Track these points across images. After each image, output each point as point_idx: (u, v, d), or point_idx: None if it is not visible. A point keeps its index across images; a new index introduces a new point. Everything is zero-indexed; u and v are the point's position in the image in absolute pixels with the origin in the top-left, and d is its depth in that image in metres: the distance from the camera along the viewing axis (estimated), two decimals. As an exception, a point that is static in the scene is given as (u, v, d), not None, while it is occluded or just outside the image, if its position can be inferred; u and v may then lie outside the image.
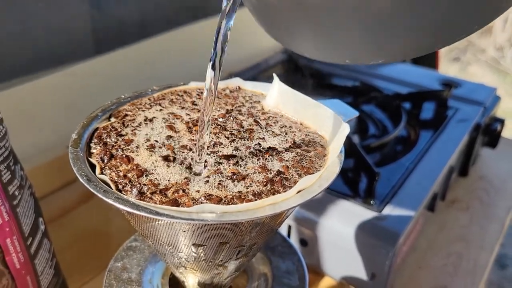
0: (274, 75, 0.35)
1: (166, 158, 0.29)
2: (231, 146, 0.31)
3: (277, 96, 0.35)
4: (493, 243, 0.57)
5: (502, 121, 0.70)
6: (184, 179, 0.28)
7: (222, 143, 0.31)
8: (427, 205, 0.55)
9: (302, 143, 0.31)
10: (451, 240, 0.58)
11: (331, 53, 0.27)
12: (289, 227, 0.51)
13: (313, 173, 0.28)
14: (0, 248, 0.35)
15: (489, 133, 0.70)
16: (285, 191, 0.26)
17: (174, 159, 0.29)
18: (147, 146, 0.30)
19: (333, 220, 0.48)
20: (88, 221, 0.58)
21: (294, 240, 0.52)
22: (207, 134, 0.28)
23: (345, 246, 0.48)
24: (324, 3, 0.23)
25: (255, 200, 0.26)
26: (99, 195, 0.25)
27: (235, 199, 0.26)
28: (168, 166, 0.28)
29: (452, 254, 0.56)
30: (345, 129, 0.30)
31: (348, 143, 0.54)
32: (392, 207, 0.49)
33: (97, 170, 0.27)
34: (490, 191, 0.66)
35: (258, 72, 0.79)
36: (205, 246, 0.28)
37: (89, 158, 0.29)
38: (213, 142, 0.31)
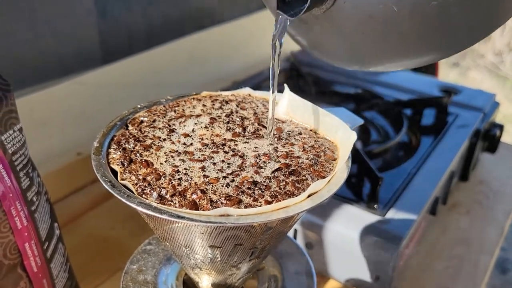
0: (285, 85, 0.37)
1: (183, 161, 0.30)
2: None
3: (287, 104, 0.37)
4: (493, 246, 0.58)
5: (501, 127, 0.71)
6: (202, 178, 0.28)
7: (237, 147, 0.32)
8: (429, 209, 0.56)
9: (313, 148, 0.33)
10: (453, 243, 0.59)
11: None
12: (295, 231, 0.52)
13: (324, 176, 0.30)
14: (19, 252, 0.37)
15: (488, 138, 0.71)
16: (299, 193, 0.28)
17: (192, 160, 0.30)
18: (165, 150, 0.31)
19: (338, 224, 0.50)
20: (98, 225, 0.60)
21: (300, 244, 0.53)
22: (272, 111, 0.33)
23: (350, 249, 0.49)
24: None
25: (272, 201, 0.27)
26: (123, 200, 0.26)
27: (253, 201, 0.27)
28: (186, 168, 0.29)
29: (454, 257, 0.57)
30: (352, 137, 0.32)
31: (352, 149, 0.55)
32: (395, 211, 0.50)
33: (119, 176, 0.29)
34: (490, 195, 0.67)
35: (262, 80, 0.79)
36: (221, 248, 0.29)
37: (110, 165, 0.30)
38: (225, 144, 0.32)
